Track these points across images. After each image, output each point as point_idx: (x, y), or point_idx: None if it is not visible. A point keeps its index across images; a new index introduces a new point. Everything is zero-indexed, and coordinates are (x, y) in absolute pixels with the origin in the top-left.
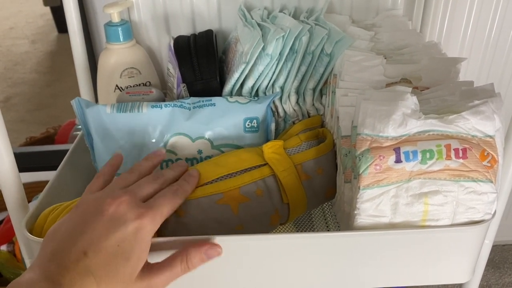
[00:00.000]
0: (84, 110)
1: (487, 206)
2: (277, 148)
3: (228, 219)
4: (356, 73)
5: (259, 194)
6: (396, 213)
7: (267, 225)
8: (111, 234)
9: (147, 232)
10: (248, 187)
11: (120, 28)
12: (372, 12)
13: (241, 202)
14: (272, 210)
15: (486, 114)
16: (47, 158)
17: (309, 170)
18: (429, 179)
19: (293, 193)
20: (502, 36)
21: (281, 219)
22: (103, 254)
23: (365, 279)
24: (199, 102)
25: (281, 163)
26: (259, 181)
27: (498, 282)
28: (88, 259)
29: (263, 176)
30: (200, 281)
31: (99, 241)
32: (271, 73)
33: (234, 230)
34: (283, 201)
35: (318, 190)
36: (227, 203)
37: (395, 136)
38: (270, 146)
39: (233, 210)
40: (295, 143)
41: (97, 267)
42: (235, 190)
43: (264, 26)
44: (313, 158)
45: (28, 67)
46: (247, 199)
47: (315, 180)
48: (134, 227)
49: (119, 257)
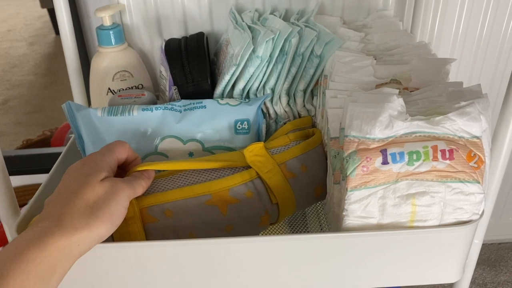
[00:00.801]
0: (75, 114)
1: (474, 206)
2: (258, 150)
3: (216, 220)
4: (346, 74)
5: (249, 196)
6: (384, 214)
7: (257, 226)
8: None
9: (121, 188)
10: (237, 188)
11: (112, 32)
12: (363, 13)
13: (230, 203)
14: (262, 211)
15: (473, 115)
16: (43, 160)
17: (293, 168)
18: (416, 180)
19: (281, 193)
20: (493, 36)
21: (271, 219)
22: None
23: (355, 279)
24: (190, 105)
25: (264, 165)
26: (249, 182)
27: (493, 280)
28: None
29: (252, 177)
30: (196, 284)
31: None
32: (262, 75)
33: (224, 230)
34: (272, 201)
35: (306, 188)
36: (215, 204)
37: (381, 137)
38: (250, 150)
39: (221, 211)
40: (283, 142)
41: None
42: (224, 191)
43: (255, 29)
44: (296, 156)
45: (26, 69)
46: (237, 201)
47: (301, 177)
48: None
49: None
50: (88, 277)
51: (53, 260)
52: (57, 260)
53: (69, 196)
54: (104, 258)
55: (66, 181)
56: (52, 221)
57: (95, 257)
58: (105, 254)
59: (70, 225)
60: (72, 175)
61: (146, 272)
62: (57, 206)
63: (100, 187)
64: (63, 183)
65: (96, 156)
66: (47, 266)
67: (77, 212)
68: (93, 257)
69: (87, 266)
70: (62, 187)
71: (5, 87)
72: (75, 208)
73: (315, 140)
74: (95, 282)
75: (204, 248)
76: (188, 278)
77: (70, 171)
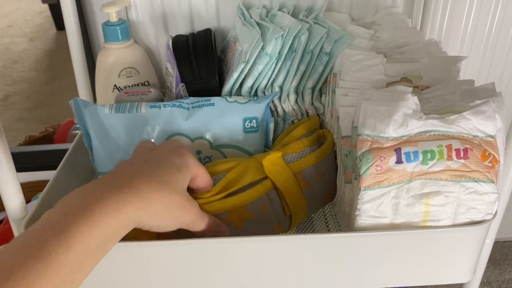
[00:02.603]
0: (83, 111)
1: (488, 206)
2: (276, 159)
3: (231, 234)
4: (356, 72)
5: (264, 210)
6: (397, 213)
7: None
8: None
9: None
10: (254, 204)
11: (118, 28)
12: (371, 10)
13: (246, 220)
14: (275, 223)
15: (487, 114)
16: (46, 157)
17: (308, 177)
18: (430, 180)
19: (295, 203)
20: (502, 34)
21: (283, 228)
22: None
23: (366, 279)
24: (198, 102)
25: (281, 174)
26: (263, 196)
27: (498, 279)
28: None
29: (267, 190)
30: (201, 283)
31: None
32: (270, 73)
33: None
34: (286, 213)
35: (317, 196)
36: (233, 222)
37: (396, 136)
38: (269, 159)
39: (236, 226)
40: (298, 149)
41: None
42: (241, 208)
43: (263, 25)
44: (312, 165)
45: (27, 65)
46: (253, 216)
47: (315, 186)
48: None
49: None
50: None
51: (117, 228)
52: (120, 228)
53: (152, 176)
54: (105, 258)
55: (153, 158)
56: (126, 188)
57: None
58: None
59: (146, 199)
60: (162, 161)
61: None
62: (137, 178)
63: (184, 191)
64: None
65: (191, 159)
66: (109, 232)
67: (158, 192)
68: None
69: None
70: (146, 164)
71: (6, 83)
72: (158, 187)
73: (328, 146)
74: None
75: (212, 247)
76: (195, 278)
77: (162, 156)
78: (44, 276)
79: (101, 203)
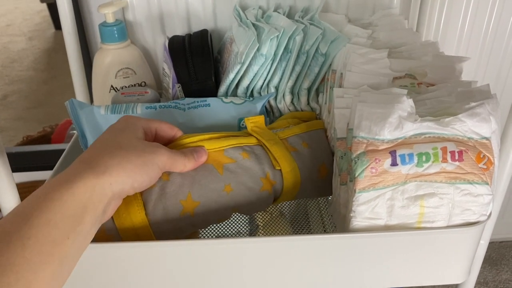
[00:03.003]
0: (78, 112)
1: (482, 207)
2: (261, 123)
3: (214, 180)
4: (362, 65)
5: (245, 156)
6: (392, 215)
7: (259, 190)
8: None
9: (161, 153)
10: (232, 149)
11: (115, 28)
12: (368, 11)
13: (225, 163)
14: (262, 173)
15: (482, 116)
16: (43, 158)
17: (294, 143)
18: (425, 182)
19: (283, 159)
20: (498, 35)
21: (275, 186)
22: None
23: (361, 280)
24: (194, 103)
25: (266, 134)
26: (245, 146)
27: (495, 279)
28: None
29: (250, 143)
30: (196, 284)
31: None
32: (266, 73)
33: (223, 191)
34: (275, 167)
35: (309, 164)
36: (209, 162)
37: (391, 139)
38: (252, 120)
39: (217, 170)
40: (283, 125)
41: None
42: (219, 152)
43: (259, 26)
44: (296, 134)
45: (25, 65)
46: (232, 160)
47: (303, 152)
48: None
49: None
50: (88, 277)
51: (83, 198)
52: (87, 199)
53: (102, 145)
54: (103, 258)
55: (100, 137)
56: (83, 163)
57: (95, 256)
58: (102, 254)
59: (101, 163)
60: (107, 132)
61: (149, 272)
62: (89, 152)
63: (138, 141)
64: (97, 139)
65: (133, 118)
66: (76, 204)
67: (109, 153)
68: (93, 256)
69: (87, 266)
70: (96, 141)
71: (4, 82)
72: (108, 150)
73: (315, 124)
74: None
75: (210, 248)
76: (192, 278)
77: (106, 130)
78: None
79: (73, 179)
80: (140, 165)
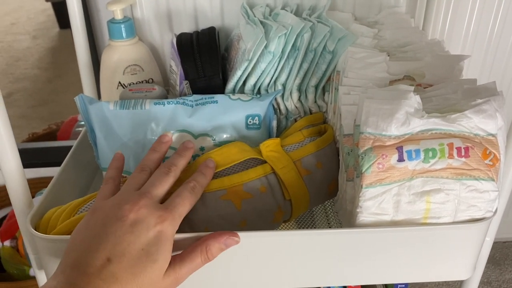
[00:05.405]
0: (88, 107)
1: (488, 204)
2: (275, 146)
3: (231, 215)
4: (359, 70)
5: (263, 191)
6: (398, 211)
7: (271, 222)
8: (134, 239)
9: (169, 234)
10: (251, 183)
11: (123, 25)
12: (374, 9)
13: (244, 198)
14: (275, 207)
15: (489, 112)
16: (49, 154)
17: (309, 165)
18: (432, 178)
19: (294, 189)
20: (504, 33)
21: (284, 215)
22: (128, 259)
23: (367, 275)
24: (201, 100)
25: (280, 160)
26: (262, 177)
27: (498, 278)
28: (112, 265)
29: (266, 173)
30: (201, 279)
31: (123, 247)
32: (273, 71)
33: (238, 226)
34: (285, 197)
35: (320, 185)
36: (229, 198)
37: (398, 135)
38: (267, 145)
39: (236, 205)
40: (298, 139)
41: (122, 271)
42: (238, 186)
43: (267, 24)
44: (312, 153)
45: (29, 63)
46: (250, 196)
47: (316, 174)
48: (157, 231)
49: (145, 260)
50: None
51: None
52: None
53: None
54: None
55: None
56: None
57: None
58: None
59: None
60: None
61: None
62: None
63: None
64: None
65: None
66: None
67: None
68: None
69: None
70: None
71: (9, 81)
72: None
73: (328, 137)
74: None
75: None
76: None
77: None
78: None
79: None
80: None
